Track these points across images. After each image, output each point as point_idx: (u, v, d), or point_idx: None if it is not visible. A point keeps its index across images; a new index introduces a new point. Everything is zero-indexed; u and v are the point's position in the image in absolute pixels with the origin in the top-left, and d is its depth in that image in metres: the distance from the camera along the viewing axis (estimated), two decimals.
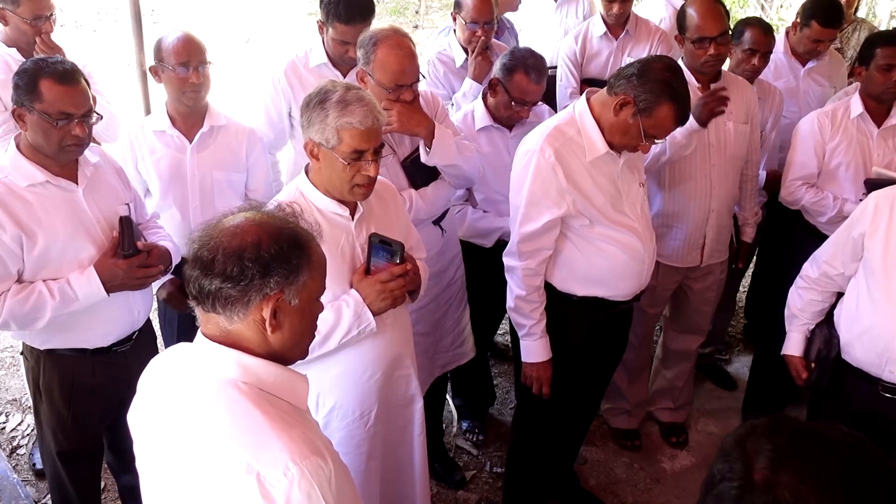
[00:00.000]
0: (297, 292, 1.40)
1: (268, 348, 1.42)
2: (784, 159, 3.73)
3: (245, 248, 1.36)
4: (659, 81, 2.32)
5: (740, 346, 4.45)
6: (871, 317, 2.38)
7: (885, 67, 3.02)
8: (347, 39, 3.02)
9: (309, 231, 1.47)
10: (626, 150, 2.46)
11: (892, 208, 2.35)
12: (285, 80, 3.16)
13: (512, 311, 2.62)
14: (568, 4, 4.91)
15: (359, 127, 2.02)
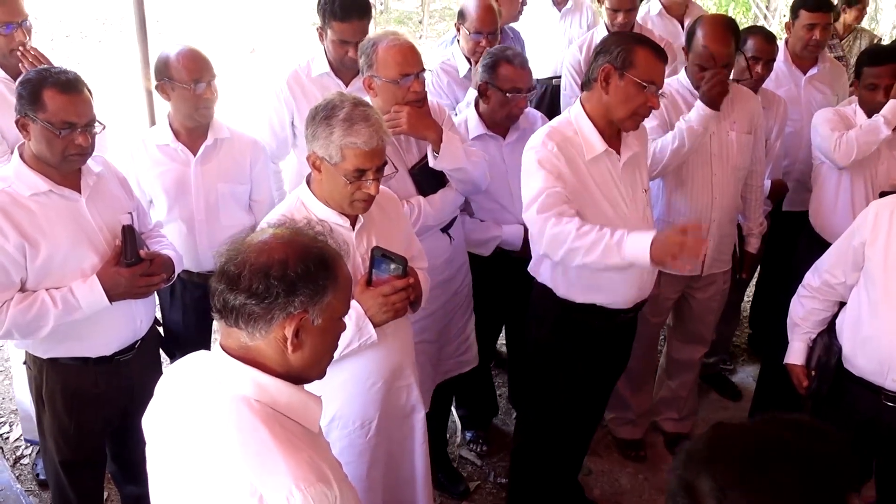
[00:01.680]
0: (320, 312, 1.40)
1: (286, 367, 1.41)
2: (789, 167, 3.74)
3: (272, 265, 1.36)
4: (619, 37, 2.48)
5: (745, 355, 4.43)
6: (872, 325, 2.38)
7: (870, 87, 3.07)
8: (346, 38, 3.02)
9: (337, 251, 1.47)
10: (639, 118, 2.43)
11: (892, 217, 2.36)
12: (288, 91, 3.16)
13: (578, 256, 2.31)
14: (572, 15, 4.92)
15: (363, 147, 2.03)
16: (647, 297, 2.68)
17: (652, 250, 2.16)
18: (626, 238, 2.21)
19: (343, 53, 3.06)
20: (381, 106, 2.52)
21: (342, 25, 3.02)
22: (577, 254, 2.27)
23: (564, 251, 2.29)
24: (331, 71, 3.16)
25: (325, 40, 3.14)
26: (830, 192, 3.25)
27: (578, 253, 2.26)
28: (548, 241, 2.31)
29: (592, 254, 2.24)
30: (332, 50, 3.11)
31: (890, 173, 3.11)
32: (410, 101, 2.57)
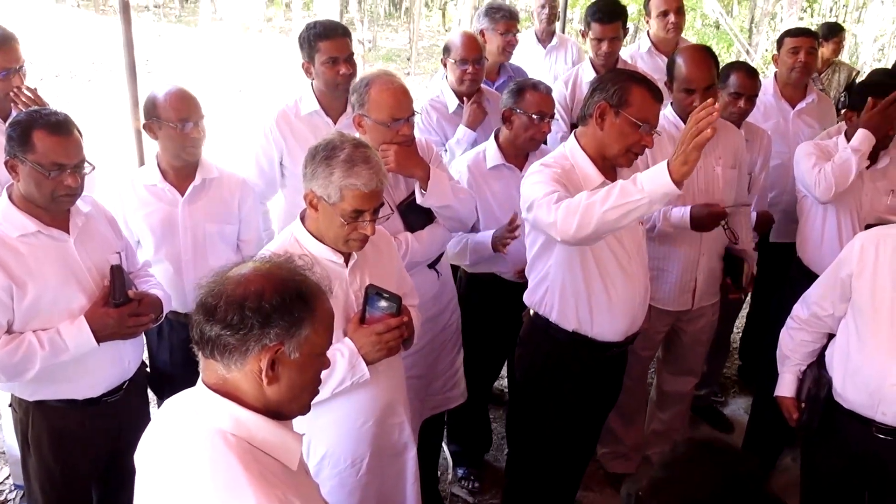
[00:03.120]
0: (297, 346, 1.40)
1: (264, 401, 1.41)
2: (776, 199, 3.78)
3: (247, 297, 1.37)
4: (616, 74, 2.44)
5: (736, 387, 4.43)
6: (861, 357, 2.39)
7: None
8: (335, 54, 3.05)
9: (318, 285, 1.47)
10: (633, 155, 2.44)
11: (878, 248, 2.38)
12: (276, 130, 3.17)
13: (595, 210, 2.15)
14: (557, 51, 4.99)
15: (363, 189, 2.04)
16: (638, 331, 2.68)
17: (671, 168, 2.02)
18: (640, 174, 2.11)
19: (335, 73, 3.07)
20: (369, 143, 2.54)
21: (329, 43, 3.06)
22: (594, 208, 2.11)
23: (581, 213, 2.13)
24: (320, 109, 3.18)
25: (312, 75, 3.16)
26: (816, 225, 3.28)
27: (595, 206, 2.11)
28: (562, 216, 2.17)
29: (610, 199, 2.09)
30: (323, 73, 3.10)
31: (874, 205, 3.14)
32: (398, 143, 2.60)
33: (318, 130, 3.11)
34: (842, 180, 3.04)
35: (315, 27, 3.11)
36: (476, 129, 3.44)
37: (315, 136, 3.15)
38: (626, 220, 2.15)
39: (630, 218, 2.14)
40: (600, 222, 2.13)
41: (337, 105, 3.19)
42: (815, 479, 2.71)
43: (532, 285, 2.67)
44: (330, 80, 3.10)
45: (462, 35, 3.54)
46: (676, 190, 2.04)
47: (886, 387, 2.32)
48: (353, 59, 3.14)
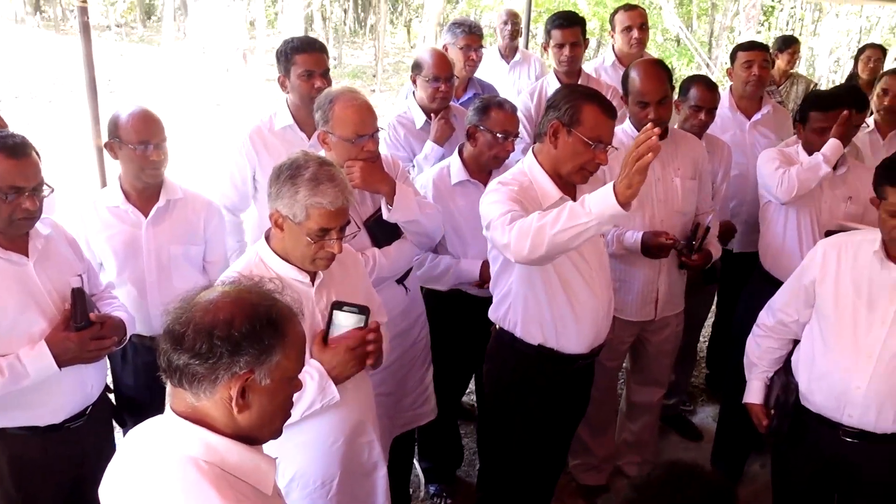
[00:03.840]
0: (268, 372, 1.37)
1: (235, 428, 1.39)
2: (736, 209, 3.84)
3: (216, 325, 1.34)
4: (568, 92, 2.45)
5: (704, 396, 4.48)
6: (827, 362, 2.43)
7: (819, 131, 3.18)
8: (311, 68, 3.08)
9: (289, 309, 1.45)
10: (587, 173, 2.45)
11: (839, 255, 2.44)
12: (250, 144, 3.17)
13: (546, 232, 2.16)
14: (520, 67, 5.05)
15: (329, 208, 2.03)
16: (603, 343, 2.70)
17: (617, 190, 2.03)
18: (587, 196, 2.12)
19: (310, 87, 3.08)
20: (334, 160, 2.53)
21: (305, 56, 3.08)
22: (544, 230, 2.12)
23: (532, 235, 2.15)
24: (294, 124, 3.19)
25: (288, 88, 3.17)
26: (778, 232, 3.35)
27: (546, 228, 2.12)
28: (515, 237, 2.19)
29: (559, 222, 2.11)
30: (298, 87, 3.11)
31: (833, 212, 3.21)
32: (363, 159, 2.60)
33: (292, 145, 3.12)
34: (806, 184, 3.11)
35: (292, 41, 3.14)
36: (444, 145, 3.45)
37: (289, 150, 3.13)
38: (577, 241, 2.16)
39: (581, 239, 2.15)
40: (551, 244, 2.14)
41: (311, 120, 3.18)
42: (785, 485, 2.74)
43: (496, 301, 2.68)
44: (305, 94, 3.10)
45: (433, 53, 3.55)
46: (623, 211, 2.05)
47: (851, 389, 2.36)
48: (328, 75, 3.16)
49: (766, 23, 15.36)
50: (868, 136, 4.02)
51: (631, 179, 1.99)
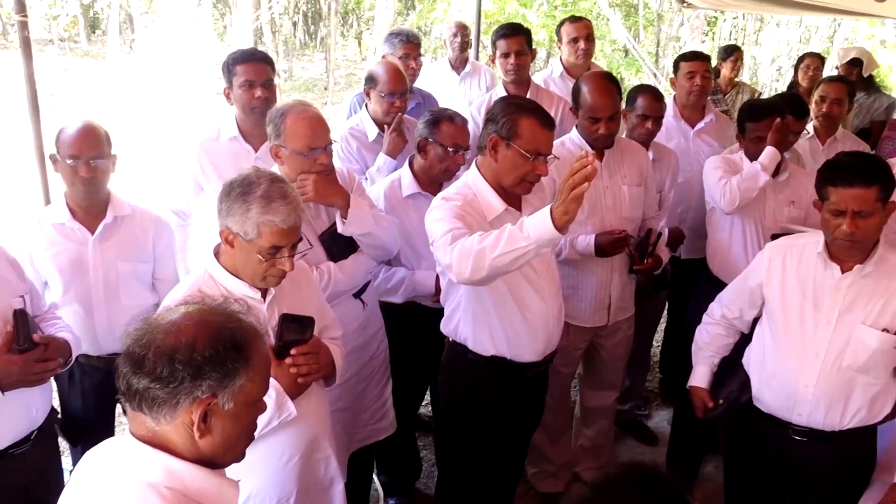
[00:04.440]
0: (232, 396, 1.34)
1: (197, 453, 1.35)
2: (683, 215, 3.92)
3: (178, 348, 1.30)
4: (505, 105, 2.47)
5: (658, 400, 4.54)
6: (776, 362, 2.49)
7: (756, 140, 3.27)
8: (251, 78, 3.07)
9: (254, 330, 1.42)
10: (528, 184, 2.46)
11: (784, 259, 2.50)
12: (196, 156, 3.15)
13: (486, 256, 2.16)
14: (470, 78, 5.08)
15: (281, 226, 2.01)
16: (556, 350, 2.72)
17: (554, 216, 2.05)
18: (525, 219, 2.13)
19: (251, 97, 3.07)
20: (287, 174, 2.52)
21: (246, 66, 3.06)
22: (484, 254, 2.14)
23: (473, 258, 2.16)
24: (239, 135, 3.16)
25: (232, 100, 3.15)
26: (724, 236, 3.42)
27: (486, 252, 2.14)
28: (456, 259, 2.21)
29: (499, 246, 2.12)
30: (240, 97, 3.10)
31: (776, 216, 3.29)
32: (317, 172, 2.58)
33: (239, 158, 3.09)
34: (747, 194, 3.18)
35: (234, 53, 3.14)
36: (397, 158, 3.45)
37: (235, 163, 3.12)
38: (518, 264, 2.17)
39: (521, 262, 2.16)
40: (492, 268, 2.16)
41: (257, 132, 3.16)
42: (737, 485, 2.79)
43: (447, 314, 2.68)
44: (245, 104, 3.09)
45: (388, 68, 3.53)
46: (561, 236, 2.07)
47: (800, 388, 2.42)
48: (271, 85, 3.13)
49: (710, 33, 15.73)
50: (808, 142, 4.14)
51: (567, 206, 2.01)
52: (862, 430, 2.43)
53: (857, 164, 2.37)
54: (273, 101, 3.13)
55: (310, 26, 19.96)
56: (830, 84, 4.21)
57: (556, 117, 4.00)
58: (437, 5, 13.82)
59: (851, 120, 5.55)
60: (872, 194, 2.26)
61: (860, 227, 2.27)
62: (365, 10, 18.47)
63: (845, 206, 2.28)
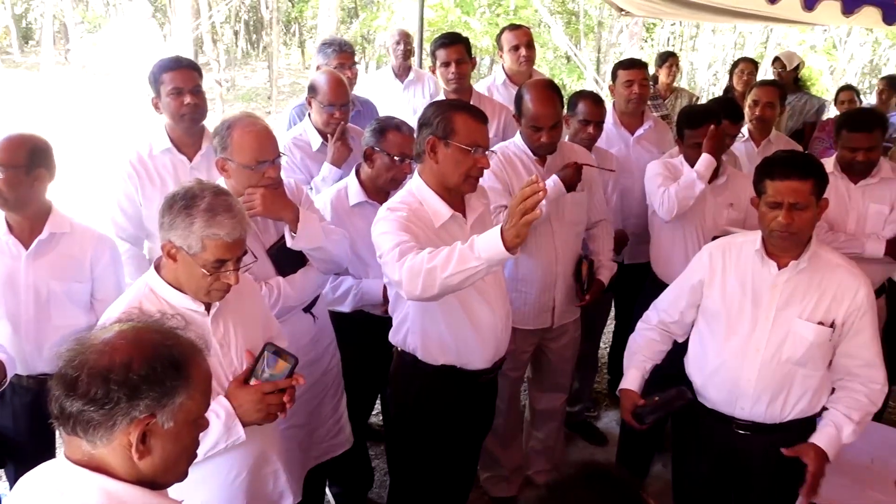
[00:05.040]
0: (171, 415, 1.31)
1: (136, 474, 1.31)
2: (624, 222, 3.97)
3: (112, 368, 1.26)
4: (436, 107, 2.49)
5: (607, 401, 4.60)
6: (719, 358, 2.55)
7: (694, 146, 3.35)
8: (179, 85, 3.03)
9: (193, 346, 1.39)
10: (474, 180, 2.48)
11: (724, 256, 2.57)
12: (132, 171, 3.08)
13: (437, 275, 2.16)
14: (414, 85, 5.10)
15: (226, 239, 1.97)
16: (504, 356, 2.73)
17: (505, 237, 2.05)
18: (476, 239, 2.13)
19: (180, 104, 3.03)
20: (234, 188, 2.48)
21: (173, 73, 3.02)
22: (435, 273, 2.15)
23: (424, 277, 2.17)
24: (172, 146, 3.10)
25: (161, 108, 3.09)
26: (667, 240, 3.49)
27: (436, 271, 2.14)
28: (406, 277, 2.20)
29: (449, 265, 2.13)
30: (168, 105, 3.05)
31: (716, 218, 3.38)
32: (265, 186, 2.54)
33: (175, 169, 3.04)
34: (684, 203, 3.26)
35: (160, 61, 3.08)
36: (341, 167, 3.43)
37: (171, 175, 3.06)
38: (469, 283, 2.18)
39: (471, 281, 2.18)
40: (443, 286, 2.17)
41: (189, 142, 3.11)
42: (685, 481, 2.84)
43: (395, 324, 2.67)
44: (175, 112, 3.05)
45: (329, 78, 3.51)
46: (512, 256, 2.08)
47: (742, 382, 2.48)
48: (200, 92, 3.09)
49: (648, 39, 16.06)
50: (744, 144, 4.25)
51: (519, 230, 2.03)
52: (802, 421, 2.51)
53: (794, 158, 2.48)
54: (203, 107, 3.10)
55: (252, 35, 19.75)
56: (763, 88, 4.34)
57: (500, 125, 4.06)
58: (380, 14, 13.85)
59: (785, 122, 5.74)
60: (808, 187, 2.35)
61: (796, 219, 2.34)
62: (308, 19, 18.34)
63: (782, 198, 2.35)
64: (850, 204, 3.40)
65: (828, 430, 2.44)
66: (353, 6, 17.73)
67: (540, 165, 3.19)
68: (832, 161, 3.43)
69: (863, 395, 2.45)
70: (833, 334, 2.43)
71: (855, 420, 2.43)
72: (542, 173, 3.16)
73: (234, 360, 2.14)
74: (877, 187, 3.40)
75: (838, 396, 2.49)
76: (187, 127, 3.07)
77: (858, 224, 3.40)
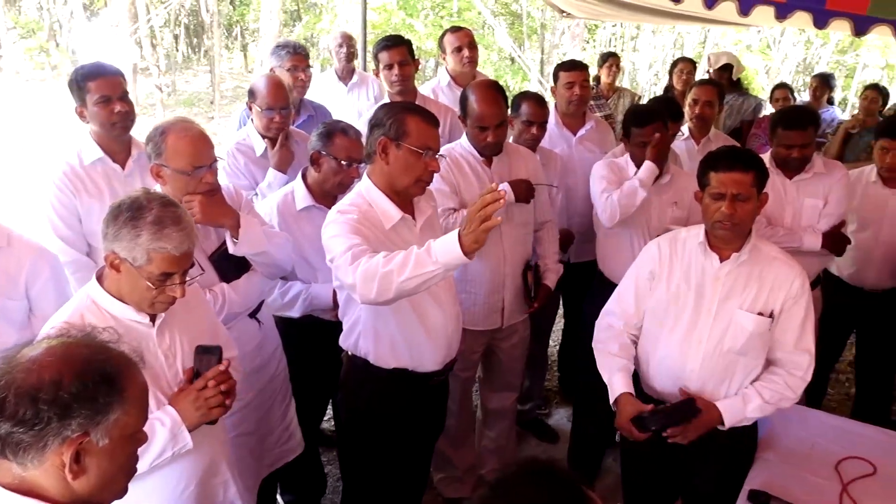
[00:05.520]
0: (106, 432, 1.27)
1: (72, 495, 1.27)
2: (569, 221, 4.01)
3: (41, 387, 1.22)
4: (388, 108, 2.49)
5: (558, 398, 4.65)
6: (665, 348, 2.59)
7: (641, 145, 3.40)
8: (107, 93, 2.94)
9: (126, 359, 1.34)
10: (424, 183, 2.48)
11: (670, 248, 2.62)
12: (67, 183, 2.98)
13: (393, 279, 2.15)
14: (358, 88, 5.08)
15: (173, 253, 1.94)
16: (455, 357, 2.74)
17: (463, 242, 2.05)
18: (433, 243, 2.13)
19: (109, 112, 2.94)
20: (171, 194, 2.41)
21: (99, 81, 2.93)
22: (391, 277, 2.13)
23: (379, 281, 2.15)
24: (104, 156, 3.01)
25: (87, 118, 2.99)
26: (613, 239, 3.53)
27: (393, 275, 2.13)
28: (360, 281, 2.18)
29: (406, 270, 2.12)
30: (97, 114, 2.95)
31: (661, 216, 3.43)
32: (202, 192, 2.50)
33: (109, 179, 2.96)
34: (626, 210, 3.31)
35: (83, 68, 2.97)
36: (286, 172, 3.40)
37: (107, 184, 2.97)
38: (425, 287, 2.18)
39: (427, 285, 2.17)
40: (399, 290, 2.16)
41: (119, 149, 3.03)
42: (633, 474, 2.88)
43: (346, 328, 2.66)
44: (105, 121, 2.96)
45: (268, 81, 3.47)
46: (469, 261, 2.09)
47: (687, 373, 2.54)
48: (127, 98, 3.01)
49: (590, 40, 16.29)
50: (684, 143, 4.34)
51: (477, 236, 2.03)
52: None
53: (737, 152, 2.57)
54: (133, 113, 3.02)
55: (192, 39, 19.40)
56: (702, 87, 4.43)
57: (446, 127, 4.06)
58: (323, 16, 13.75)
59: (723, 120, 5.88)
60: (749, 179, 2.42)
61: (738, 210, 2.41)
62: (250, 22, 18.11)
63: (725, 189, 2.41)
64: (786, 199, 3.50)
65: (735, 399, 2.50)
66: (295, 9, 17.58)
67: (487, 166, 3.21)
68: (768, 157, 3.53)
69: (781, 381, 2.51)
70: (772, 324, 2.50)
71: (764, 398, 2.48)
72: (489, 174, 3.18)
73: (179, 371, 2.11)
74: (811, 182, 3.50)
75: (760, 377, 2.55)
76: (118, 135, 2.99)
77: (794, 218, 3.50)
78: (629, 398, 2.55)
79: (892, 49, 11.76)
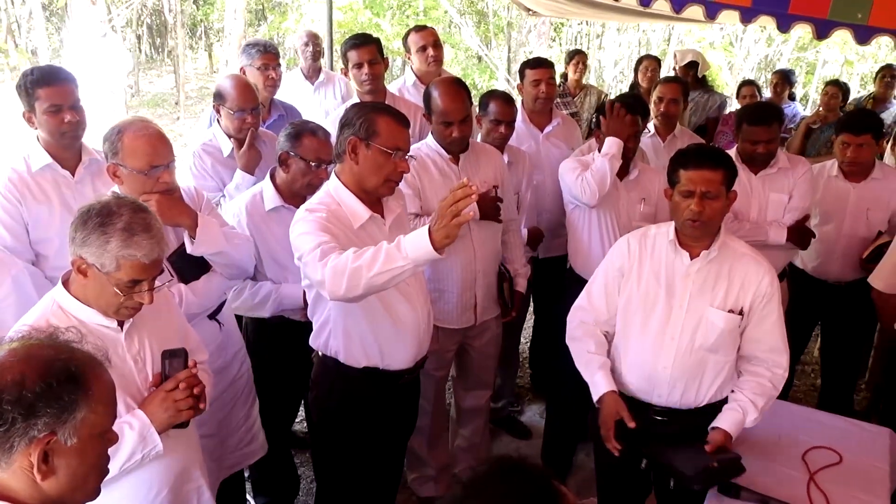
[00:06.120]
0: (74, 431, 1.26)
1: (41, 497, 1.26)
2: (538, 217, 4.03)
3: (4, 388, 1.21)
4: (359, 108, 2.48)
5: (530, 395, 4.67)
6: (638, 346, 2.62)
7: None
8: (58, 102, 2.83)
9: (90, 358, 1.33)
10: (393, 184, 2.47)
11: (640, 244, 2.64)
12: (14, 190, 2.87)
13: (363, 275, 2.14)
14: (325, 87, 5.04)
15: (143, 260, 1.91)
16: (426, 355, 2.74)
17: (433, 238, 2.04)
18: (403, 239, 2.11)
19: (59, 122, 2.83)
20: (126, 194, 2.39)
21: (49, 89, 2.82)
22: (361, 272, 2.12)
23: (348, 276, 2.13)
24: (53, 162, 2.91)
25: (35, 124, 2.90)
26: (584, 235, 3.56)
27: (362, 271, 2.11)
28: (329, 277, 2.16)
29: (375, 265, 2.10)
30: (46, 123, 2.85)
31: (630, 213, 3.46)
32: (159, 191, 2.47)
33: (58, 186, 2.88)
34: (602, 184, 3.30)
35: (33, 73, 2.86)
36: (254, 173, 3.36)
37: (56, 191, 2.89)
38: (395, 282, 2.17)
39: (397, 280, 2.16)
40: (368, 286, 2.15)
41: (69, 155, 2.94)
42: (606, 469, 2.91)
43: (316, 328, 2.64)
44: (54, 130, 2.85)
45: (236, 83, 3.42)
46: (439, 256, 2.08)
47: (659, 370, 2.56)
48: (79, 106, 2.91)
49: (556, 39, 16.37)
50: (650, 140, 4.39)
51: (449, 231, 2.03)
52: (715, 405, 2.60)
53: (707, 150, 2.60)
54: (84, 122, 2.91)
55: (156, 39, 19.14)
56: (667, 85, 4.48)
57: (416, 126, 4.04)
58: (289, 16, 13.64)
59: (689, 117, 5.95)
60: (719, 177, 2.45)
61: (707, 207, 2.44)
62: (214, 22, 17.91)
63: (695, 187, 2.44)
64: (752, 193, 3.55)
65: (734, 414, 2.53)
66: (259, 8, 17.42)
67: (454, 164, 3.21)
68: (734, 152, 3.58)
69: (767, 380, 2.56)
70: (741, 321, 2.53)
71: (759, 406, 2.53)
72: (456, 172, 3.18)
73: (149, 375, 2.09)
74: (776, 177, 3.56)
75: (745, 380, 2.59)
76: (68, 144, 2.91)
77: (760, 212, 3.55)
78: (614, 396, 2.57)
79: (850, 46, 12.00)
